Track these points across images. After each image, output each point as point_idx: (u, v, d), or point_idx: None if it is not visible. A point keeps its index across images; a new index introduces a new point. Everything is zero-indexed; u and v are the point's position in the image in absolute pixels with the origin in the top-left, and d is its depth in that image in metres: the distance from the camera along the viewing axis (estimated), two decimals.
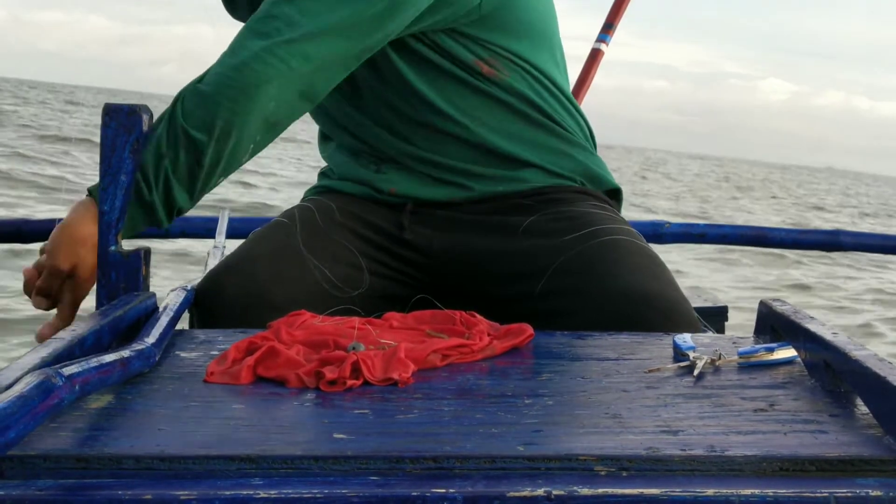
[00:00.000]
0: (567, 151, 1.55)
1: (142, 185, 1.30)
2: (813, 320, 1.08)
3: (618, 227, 1.45)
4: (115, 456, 0.74)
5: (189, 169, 1.31)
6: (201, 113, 1.30)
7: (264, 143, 1.37)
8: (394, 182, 1.53)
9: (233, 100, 1.30)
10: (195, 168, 1.31)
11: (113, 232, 1.29)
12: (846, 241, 2.27)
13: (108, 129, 1.27)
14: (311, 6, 1.33)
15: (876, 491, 0.69)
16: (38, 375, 0.73)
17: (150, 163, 1.30)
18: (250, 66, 1.30)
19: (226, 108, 1.30)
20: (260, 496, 0.67)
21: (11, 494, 0.67)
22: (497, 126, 1.50)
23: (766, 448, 0.77)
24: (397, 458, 0.74)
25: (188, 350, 1.11)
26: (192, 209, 1.40)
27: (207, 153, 1.30)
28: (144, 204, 1.31)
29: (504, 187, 1.51)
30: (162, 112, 1.34)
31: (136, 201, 1.30)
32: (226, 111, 1.30)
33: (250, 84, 1.30)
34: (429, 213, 1.51)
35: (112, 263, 1.29)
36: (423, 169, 1.51)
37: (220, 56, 1.35)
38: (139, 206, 1.31)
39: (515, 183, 1.51)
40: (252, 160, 1.43)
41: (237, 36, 1.36)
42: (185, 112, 1.31)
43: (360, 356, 0.98)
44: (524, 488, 0.68)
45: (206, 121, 1.30)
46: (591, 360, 1.09)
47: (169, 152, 1.30)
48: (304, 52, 1.32)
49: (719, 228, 2.36)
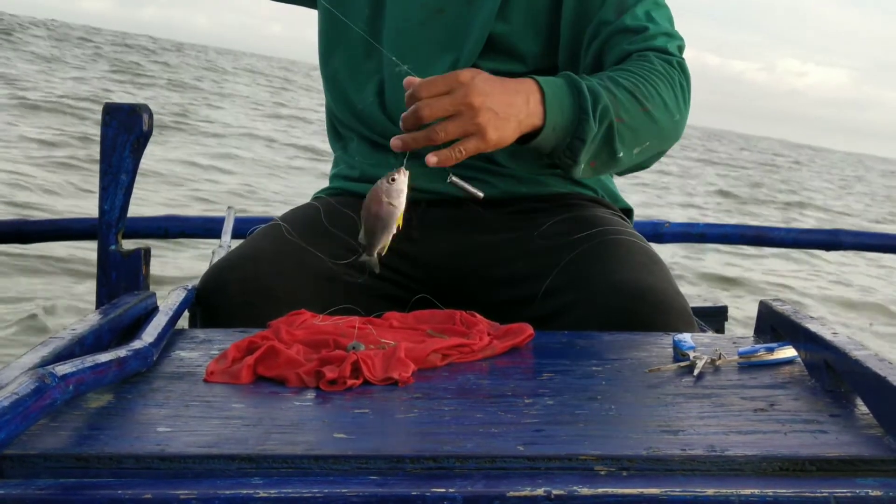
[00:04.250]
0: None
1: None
2: (813, 320, 1.08)
3: (621, 229, 1.46)
4: (115, 455, 0.74)
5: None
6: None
7: None
8: (415, 178, 1.53)
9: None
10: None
11: (113, 231, 1.29)
12: (846, 241, 2.27)
13: (109, 128, 1.27)
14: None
15: (876, 491, 0.69)
16: (30, 375, 0.73)
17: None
18: None
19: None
20: (260, 495, 0.67)
21: (11, 494, 0.67)
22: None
23: (766, 448, 0.77)
24: (397, 458, 0.74)
25: (188, 349, 1.11)
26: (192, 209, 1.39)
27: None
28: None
29: (526, 189, 1.52)
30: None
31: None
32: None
33: None
34: (441, 212, 1.51)
35: (112, 263, 1.29)
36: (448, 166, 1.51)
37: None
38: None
39: (538, 186, 1.52)
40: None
41: None
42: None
43: (360, 356, 0.98)
44: (524, 488, 0.68)
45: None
46: (591, 359, 1.09)
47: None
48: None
49: (719, 228, 2.36)
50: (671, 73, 1.41)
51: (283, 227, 1.45)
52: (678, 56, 1.44)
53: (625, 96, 1.33)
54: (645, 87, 1.36)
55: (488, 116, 1.21)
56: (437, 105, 1.21)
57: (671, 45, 1.44)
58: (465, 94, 1.20)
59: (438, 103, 1.21)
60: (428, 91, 1.21)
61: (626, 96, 1.33)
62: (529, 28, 1.49)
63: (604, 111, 1.31)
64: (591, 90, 1.31)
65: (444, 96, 1.21)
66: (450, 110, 1.21)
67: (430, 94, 1.21)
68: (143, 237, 2.15)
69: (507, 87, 1.25)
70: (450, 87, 1.21)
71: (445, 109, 1.21)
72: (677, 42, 1.46)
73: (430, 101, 1.21)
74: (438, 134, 1.21)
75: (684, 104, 1.42)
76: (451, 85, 1.21)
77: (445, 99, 1.21)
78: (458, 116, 1.21)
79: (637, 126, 1.35)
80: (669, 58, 1.42)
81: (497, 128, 1.23)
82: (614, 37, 1.45)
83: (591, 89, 1.31)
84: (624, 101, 1.33)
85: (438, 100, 1.21)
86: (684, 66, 1.44)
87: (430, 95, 1.21)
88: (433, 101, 1.21)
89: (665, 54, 1.42)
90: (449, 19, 1.51)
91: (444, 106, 1.21)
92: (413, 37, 1.53)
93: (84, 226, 2.10)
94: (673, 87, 1.40)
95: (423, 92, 1.22)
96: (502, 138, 1.24)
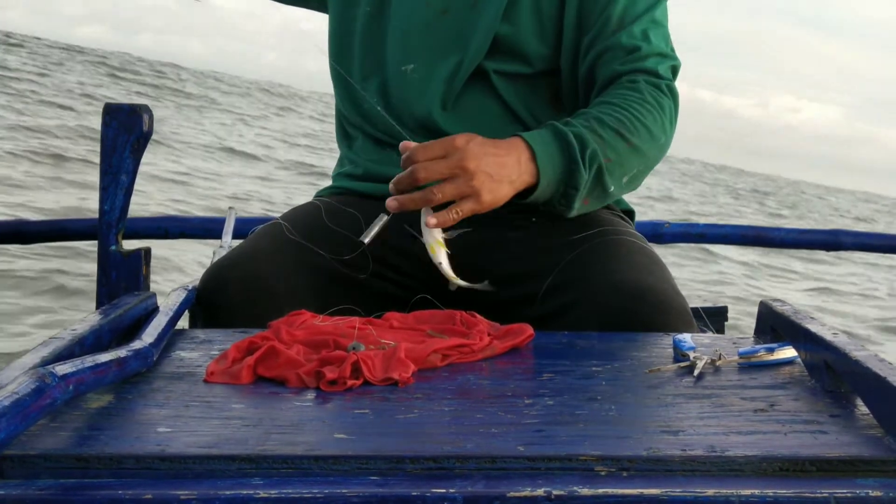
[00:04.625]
0: None
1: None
2: (813, 321, 1.08)
3: (622, 229, 1.46)
4: (116, 456, 0.74)
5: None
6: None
7: None
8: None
9: None
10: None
11: (113, 231, 1.29)
12: (846, 241, 2.27)
13: (109, 128, 1.27)
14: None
15: (876, 491, 0.69)
16: (30, 375, 0.73)
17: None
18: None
19: None
20: (260, 496, 0.67)
21: (12, 494, 0.67)
22: (541, 117, 1.51)
23: (766, 448, 0.77)
24: (397, 458, 0.74)
25: (188, 350, 1.11)
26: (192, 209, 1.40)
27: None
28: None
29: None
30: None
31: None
32: None
33: None
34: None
35: (112, 263, 1.29)
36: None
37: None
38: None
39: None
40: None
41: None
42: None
43: (360, 356, 0.98)
44: (524, 488, 0.68)
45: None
46: (591, 360, 1.09)
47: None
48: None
49: (719, 228, 2.36)
50: (658, 98, 1.43)
51: (284, 227, 1.45)
52: (667, 79, 1.46)
53: (610, 135, 1.37)
54: (630, 121, 1.39)
55: (483, 179, 1.26)
56: (434, 168, 1.25)
57: (662, 67, 1.46)
58: (461, 158, 1.25)
59: (435, 166, 1.25)
60: (424, 155, 1.26)
61: (612, 135, 1.37)
62: (535, 30, 1.50)
63: (592, 155, 1.34)
64: (578, 137, 1.34)
65: (440, 160, 1.26)
66: (445, 174, 1.25)
67: (427, 158, 1.26)
68: (143, 237, 2.15)
69: (499, 149, 1.29)
70: (445, 152, 1.26)
71: (441, 173, 1.25)
72: (670, 63, 1.48)
73: (427, 164, 1.25)
74: (436, 195, 1.25)
75: (670, 126, 1.45)
76: (447, 149, 1.26)
77: (441, 163, 1.25)
78: (453, 179, 1.25)
79: (624, 161, 1.39)
80: (658, 81, 1.44)
81: (491, 190, 1.27)
82: (608, 53, 1.47)
83: (578, 136, 1.34)
84: (610, 141, 1.36)
85: (435, 163, 1.25)
86: (672, 88, 1.46)
87: (426, 159, 1.25)
88: (429, 164, 1.25)
89: (654, 77, 1.45)
90: (453, 20, 1.52)
91: (440, 169, 1.25)
92: (418, 38, 1.53)
93: (84, 226, 2.10)
94: (658, 112, 1.42)
95: (420, 155, 1.26)
96: (496, 199, 1.28)
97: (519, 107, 1.52)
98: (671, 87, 1.46)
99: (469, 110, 1.52)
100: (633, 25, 1.47)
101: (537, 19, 1.50)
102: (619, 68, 1.45)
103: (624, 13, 1.47)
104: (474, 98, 1.52)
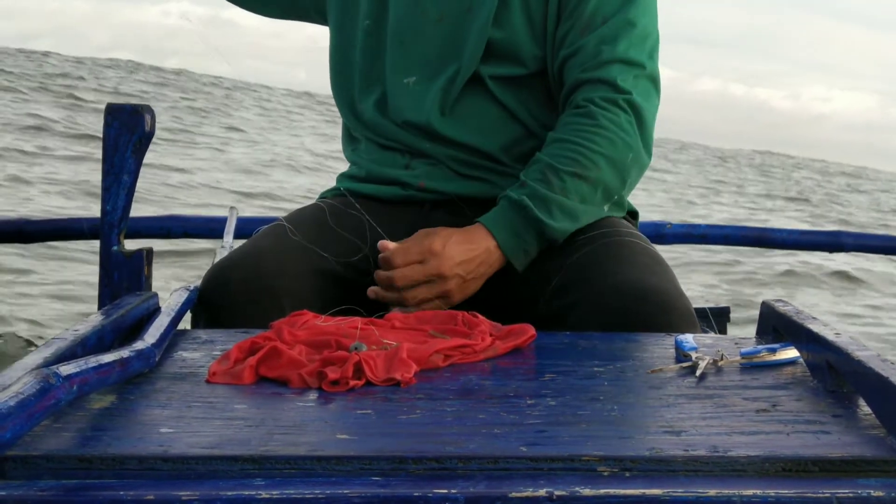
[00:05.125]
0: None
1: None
2: (815, 321, 1.08)
3: (625, 230, 1.46)
4: (118, 456, 0.74)
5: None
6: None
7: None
8: (423, 177, 1.54)
9: None
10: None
11: (115, 231, 1.29)
12: (848, 242, 2.27)
13: (111, 128, 1.27)
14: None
15: (878, 491, 0.69)
16: (35, 375, 0.73)
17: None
18: None
19: None
20: (262, 497, 0.67)
21: (14, 495, 0.67)
22: (545, 121, 1.52)
23: (768, 448, 0.77)
24: (400, 459, 0.74)
25: (190, 350, 1.11)
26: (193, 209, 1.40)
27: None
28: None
29: None
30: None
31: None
32: None
33: None
34: (443, 214, 1.51)
35: (114, 263, 1.29)
36: (453, 165, 1.53)
37: None
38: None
39: None
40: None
41: None
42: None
43: (362, 356, 0.98)
44: (526, 489, 0.68)
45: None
46: (594, 360, 1.09)
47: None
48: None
49: (720, 229, 2.36)
50: (613, 117, 1.43)
51: (287, 228, 1.45)
52: (625, 92, 1.44)
53: (569, 180, 1.41)
54: (585, 157, 1.41)
55: (456, 282, 1.36)
56: (410, 276, 1.34)
57: (623, 77, 1.44)
58: (437, 265, 1.34)
59: (412, 273, 1.35)
60: (402, 259, 1.35)
61: (569, 178, 1.41)
62: (526, 31, 1.50)
63: (557, 205, 1.39)
64: (535, 197, 1.39)
65: (417, 265, 1.35)
66: (422, 280, 1.35)
67: (405, 263, 1.35)
68: (145, 237, 2.15)
69: (471, 244, 1.38)
70: (422, 257, 1.35)
71: (417, 280, 1.35)
72: (633, 71, 1.46)
73: (405, 270, 1.34)
74: (410, 301, 1.35)
75: (634, 139, 1.45)
76: (424, 255, 1.35)
77: (418, 269, 1.35)
78: (428, 283, 1.35)
79: (586, 194, 1.43)
80: (615, 96, 1.44)
81: (462, 290, 1.37)
82: (574, 56, 1.47)
83: (535, 196, 1.39)
84: (570, 186, 1.40)
85: (412, 269, 1.35)
86: (632, 101, 1.44)
87: (404, 264, 1.35)
88: (407, 270, 1.35)
89: (613, 90, 1.44)
90: (449, 28, 1.52)
91: (416, 277, 1.35)
92: (415, 47, 1.54)
93: (86, 226, 2.10)
94: (616, 133, 1.43)
95: (398, 260, 1.35)
96: (466, 296, 1.38)
97: (517, 108, 1.52)
98: (630, 100, 1.44)
99: (467, 114, 1.52)
100: (603, 27, 1.46)
101: (527, 20, 1.50)
102: (580, 76, 1.46)
103: (595, 11, 1.46)
104: (472, 102, 1.52)
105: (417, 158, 1.55)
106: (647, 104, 1.47)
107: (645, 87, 1.47)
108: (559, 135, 1.44)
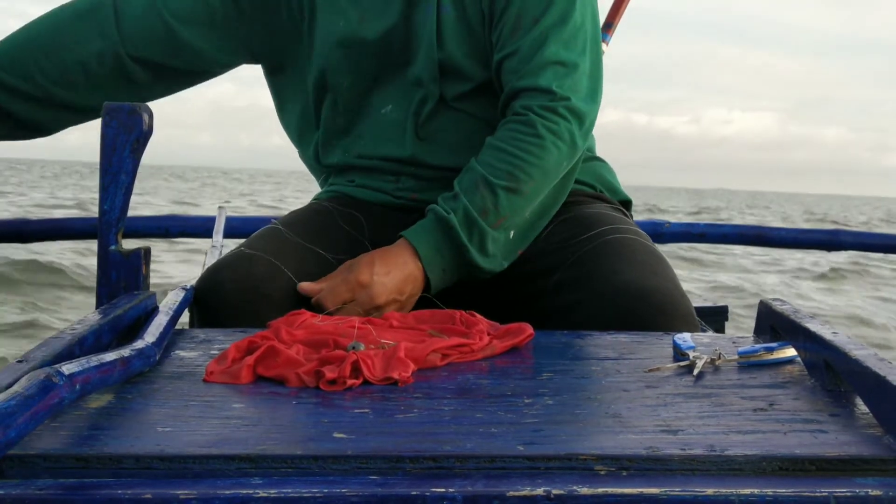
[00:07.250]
0: (586, 158, 1.59)
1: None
2: (813, 320, 1.08)
3: (626, 227, 1.46)
4: (115, 455, 0.74)
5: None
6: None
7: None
8: (413, 191, 1.54)
9: None
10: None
11: (113, 231, 1.29)
12: (846, 241, 2.27)
13: (109, 128, 1.27)
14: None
15: (875, 490, 0.69)
16: (38, 374, 0.73)
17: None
18: None
19: None
20: (259, 496, 0.67)
21: (11, 494, 0.67)
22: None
23: (765, 447, 0.77)
24: (397, 458, 0.74)
25: (188, 349, 1.11)
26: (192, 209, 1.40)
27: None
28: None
29: None
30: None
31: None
32: None
33: None
34: None
35: (112, 263, 1.29)
36: (441, 182, 1.50)
37: None
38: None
39: None
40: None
41: None
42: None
43: (360, 355, 0.98)
44: (524, 488, 0.68)
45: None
46: (591, 359, 1.09)
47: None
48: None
49: (719, 228, 2.37)
50: (552, 125, 1.40)
51: (283, 231, 1.46)
52: (563, 98, 1.41)
53: (502, 196, 1.38)
54: (521, 168, 1.39)
55: (394, 307, 1.35)
56: (348, 315, 1.28)
57: (559, 83, 1.41)
58: (370, 298, 1.33)
59: (349, 312, 1.30)
60: (333, 301, 1.33)
61: (504, 194, 1.38)
62: (463, 49, 1.48)
63: (481, 231, 1.38)
64: (462, 218, 1.37)
65: (352, 303, 1.32)
66: (361, 314, 1.30)
67: (337, 304, 1.32)
68: (143, 237, 2.15)
69: (398, 272, 1.35)
70: (353, 294, 1.33)
71: (357, 315, 1.29)
72: (569, 73, 1.42)
73: (341, 312, 1.30)
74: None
75: (573, 146, 1.42)
76: (353, 290, 1.33)
77: (353, 307, 1.33)
78: (369, 313, 1.31)
79: (520, 210, 1.41)
80: (554, 104, 1.41)
81: (402, 310, 1.35)
82: (508, 60, 1.44)
83: (462, 217, 1.37)
84: (503, 201, 1.38)
85: (346, 309, 1.32)
86: (572, 107, 1.41)
87: (336, 305, 1.32)
88: (343, 311, 1.31)
89: (550, 97, 1.40)
90: (402, 62, 1.52)
91: (354, 313, 1.30)
92: (374, 87, 1.56)
93: (84, 225, 2.10)
94: (553, 143, 1.40)
95: (328, 304, 1.32)
96: (408, 311, 1.35)
97: (489, 115, 1.50)
98: (569, 106, 1.41)
99: (443, 135, 1.52)
100: (534, 28, 1.43)
101: (463, 38, 1.48)
102: (517, 84, 1.43)
103: (522, 12, 1.43)
104: (445, 122, 1.51)
105: (405, 176, 1.56)
106: (588, 106, 1.44)
107: (584, 87, 1.44)
108: (497, 142, 1.42)
